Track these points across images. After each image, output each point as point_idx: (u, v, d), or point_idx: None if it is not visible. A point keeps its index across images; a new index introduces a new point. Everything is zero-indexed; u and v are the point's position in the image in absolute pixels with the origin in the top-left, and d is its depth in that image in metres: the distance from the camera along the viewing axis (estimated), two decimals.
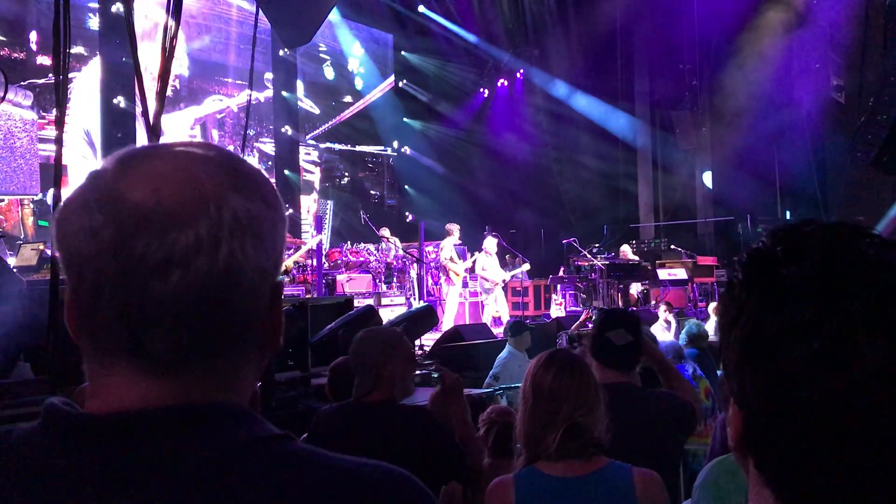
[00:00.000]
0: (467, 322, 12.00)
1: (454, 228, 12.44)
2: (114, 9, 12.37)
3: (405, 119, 19.58)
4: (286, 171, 16.71)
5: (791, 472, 0.72)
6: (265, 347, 0.83)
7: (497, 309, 12.42)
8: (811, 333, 0.68)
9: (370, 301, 11.04)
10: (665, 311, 9.66)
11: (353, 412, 2.92)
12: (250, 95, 7.70)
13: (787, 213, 15.90)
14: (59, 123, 4.41)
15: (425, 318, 7.73)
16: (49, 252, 8.03)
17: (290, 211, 16.46)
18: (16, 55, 11.91)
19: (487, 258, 12.48)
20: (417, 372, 7.33)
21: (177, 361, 0.75)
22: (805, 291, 0.69)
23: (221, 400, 0.77)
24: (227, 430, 0.75)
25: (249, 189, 0.78)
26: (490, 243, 12.53)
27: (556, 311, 13.54)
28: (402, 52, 19.59)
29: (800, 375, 0.68)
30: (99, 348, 0.75)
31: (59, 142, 4.47)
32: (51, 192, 9.78)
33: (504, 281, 12.76)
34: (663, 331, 9.09)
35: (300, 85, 17.39)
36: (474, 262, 12.61)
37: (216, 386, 0.77)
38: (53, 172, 4.36)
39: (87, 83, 12.94)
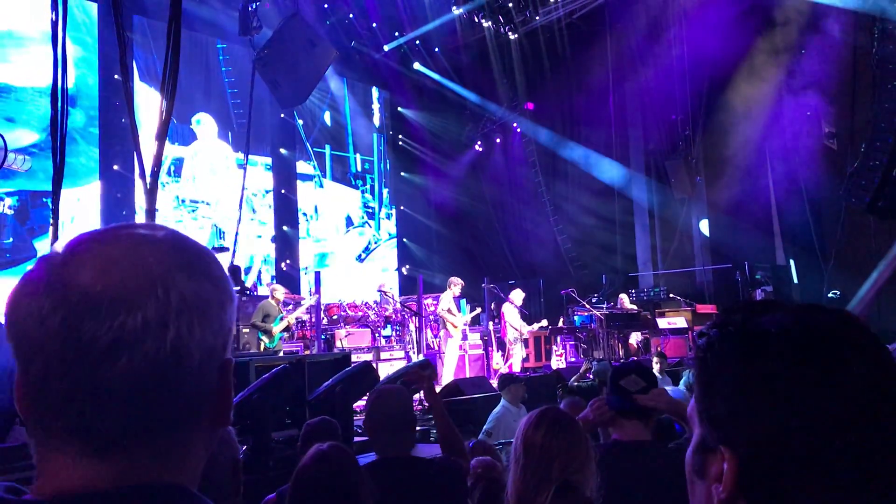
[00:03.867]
0: (467, 375, 11.92)
1: (455, 282, 12.44)
2: (115, 75, 12.58)
3: (402, 173, 19.76)
4: (285, 228, 16.80)
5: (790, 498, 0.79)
6: (215, 423, 0.83)
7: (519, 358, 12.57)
8: (800, 364, 0.80)
9: (369, 356, 11.00)
10: (657, 362, 9.20)
11: (407, 467, 3.02)
12: (247, 155, 7.82)
13: (791, 262, 15.77)
14: (56, 185, 4.45)
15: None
16: None
17: (288, 261, 16.51)
18: None
19: (513, 309, 12.70)
20: (417, 428, 7.28)
21: (123, 442, 0.74)
22: (783, 335, 0.82)
23: (166, 481, 0.76)
24: None
25: (196, 270, 0.79)
26: (517, 295, 12.74)
27: (557, 363, 13.47)
28: (398, 108, 19.88)
29: (797, 402, 0.78)
30: (45, 428, 0.75)
31: (55, 201, 4.52)
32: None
33: (531, 332, 12.95)
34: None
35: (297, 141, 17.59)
36: (502, 312, 12.83)
37: (162, 466, 0.77)
38: (51, 233, 4.39)
39: None
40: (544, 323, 13.51)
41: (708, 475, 0.86)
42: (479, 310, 13.12)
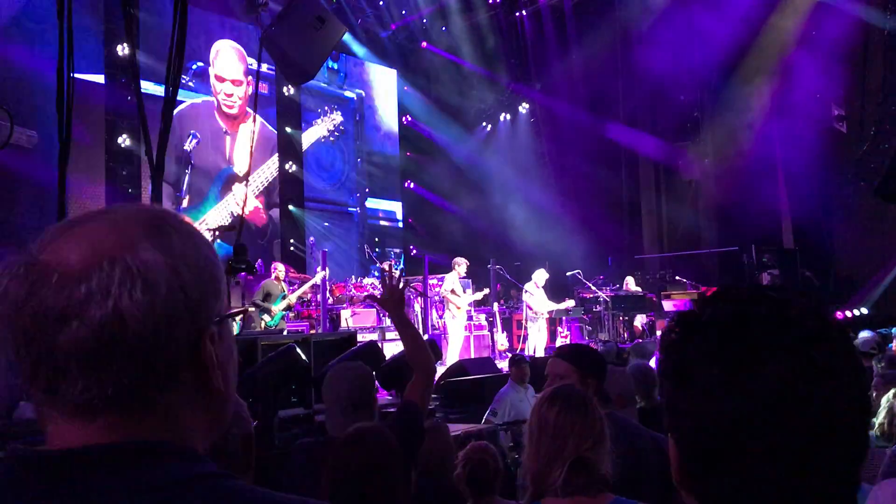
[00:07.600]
0: (472, 356, 11.94)
1: (460, 262, 12.41)
2: (119, 49, 12.50)
3: (409, 153, 19.69)
4: (290, 207, 16.76)
5: (719, 489, 0.81)
6: (205, 390, 0.87)
7: (537, 339, 12.56)
8: (718, 358, 0.81)
9: (374, 336, 11.01)
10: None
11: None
12: (254, 130, 7.78)
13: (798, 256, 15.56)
14: (63, 159, 4.43)
15: None
16: None
17: (294, 245, 16.48)
18: None
19: (535, 289, 12.65)
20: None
21: (96, 406, 0.80)
22: (714, 326, 0.83)
23: (159, 439, 0.82)
24: (164, 466, 0.80)
25: (154, 244, 0.84)
26: (539, 275, 12.73)
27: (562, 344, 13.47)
28: (406, 87, 19.76)
29: (713, 393, 0.80)
30: (35, 398, 0.83)
31: (62, 176, 4.49)
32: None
33: (550, 313, 12.86)
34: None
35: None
36: (525, 291, 12.79)
37: (153, 426, 0.83)
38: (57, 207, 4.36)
39: None
40: (571, 303, 13.42)
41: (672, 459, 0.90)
42: (486, 290, 13.07)
